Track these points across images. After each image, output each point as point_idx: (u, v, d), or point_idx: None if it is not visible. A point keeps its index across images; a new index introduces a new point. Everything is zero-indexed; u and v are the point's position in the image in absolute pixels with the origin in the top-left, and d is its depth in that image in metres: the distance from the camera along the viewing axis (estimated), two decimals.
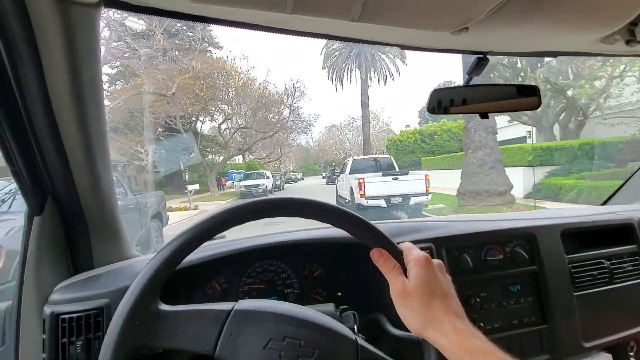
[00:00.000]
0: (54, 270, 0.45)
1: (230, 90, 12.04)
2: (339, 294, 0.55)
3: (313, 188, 14.79)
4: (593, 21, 0.43)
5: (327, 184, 17.40)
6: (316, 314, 0.32)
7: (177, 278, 0.43)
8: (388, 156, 7.81)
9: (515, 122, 9.52)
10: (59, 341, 0.39)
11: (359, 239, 0.33)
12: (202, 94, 9.88)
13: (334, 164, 33.37)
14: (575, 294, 0.57)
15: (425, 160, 11.87)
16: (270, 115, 14.46)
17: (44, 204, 0.44)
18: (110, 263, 0.50)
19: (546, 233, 0.59)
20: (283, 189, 14.62)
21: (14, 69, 0.35)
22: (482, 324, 0.52)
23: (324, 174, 27.55)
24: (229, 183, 14.50)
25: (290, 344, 0.29)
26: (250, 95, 12.68)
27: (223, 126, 13.40)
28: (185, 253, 0.31)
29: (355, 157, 7.06)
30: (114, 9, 0.41)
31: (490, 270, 0.55)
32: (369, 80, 15.52)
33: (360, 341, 0.32)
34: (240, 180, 12.03)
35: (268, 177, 11.82)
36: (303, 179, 28.24)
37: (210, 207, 7.25)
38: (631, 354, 0.62)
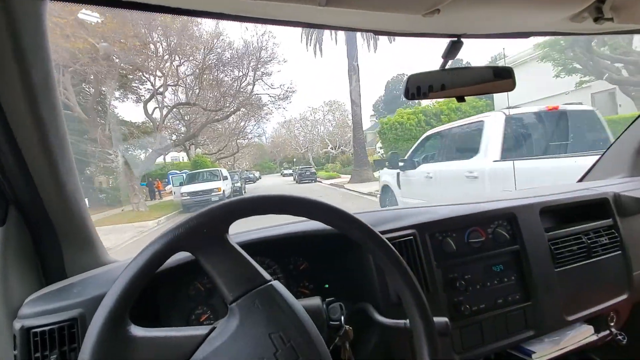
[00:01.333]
0: (22, 282, 0.56)
1: (160, 41, 10.68)
2: (326, 285, 0.73)
3: (286, 188, 15.65)
4: None
5: (299, 183, 18.41)
6: (310, 321, 0.41)
7: (156, 281, 0.55)
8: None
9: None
10: (31, 356, 0.50)
11: (340, 231, 0.45)
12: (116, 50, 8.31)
13: (294, 159, 40.20)
14: (556, 269, 0.80)
15: None
16: (224, 89, 13.74)
17: (7, 213, 0.55)
18: (84, 271, 0.62)
19: (526, 212, 0.81)
20: (244, 192, 14.59)
21: None
22: (468, 306, 0.72)
23: (285, 172, 33.51)
24: (169, 188, 14.00)
25: (279, 339, 0.38)
26: (193, 52, 11.80)
27: (152, 105, 12.39)
28: (154, 268, 0.38)
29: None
30: (60, 1, 0.51)
31: (473, 252, 0.76)
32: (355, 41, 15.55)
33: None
34: (181, 184, 11.07)
35: (225, 178, 11.19)
36: (261, 178, 32.23)
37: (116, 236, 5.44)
38: (612, 324, 0.86)
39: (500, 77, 0.77)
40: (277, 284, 0.43)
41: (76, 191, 0.61)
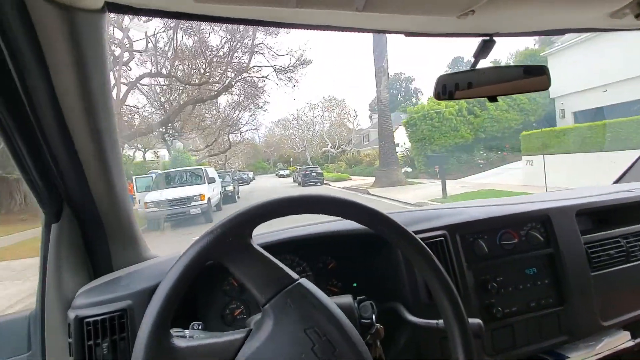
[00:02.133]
0: (74, 275, 0.75)
1: None
2: (355, 284, 0.91)
3: (289, 192, 15.14)
4: None
5: (303, 185, 19.36)
6: (345, 317, 0.53)
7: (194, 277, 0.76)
8: None
9: None
10: (85, 344, 0.68)
11: (377, 232, 0.56)
12: None
13: (291, 159, 44.67)
14: (592, 274, 0.96)
15: (526, 136, 11.61)
16: (210, 55, 13.43)
17: (61, 211, 0.74)
18: (128, 265, 0.82)
19: (561, 214, 0.98)
20: (238, 197, 14.31)
21: (21, 80, 0.60)
22: (499, 308, 0.88)
23: (281, 172, 38.12)
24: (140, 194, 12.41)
25: (314, 334, 0.50)
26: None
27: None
28: (188, 281, 0.49)
29: None
30: (119, 13, 0.73)
31: (505, 254, 0.93)
32: None
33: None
34: (149, 188, 9.75)
35: (211, 180, 10.49)
36: (254, 179, 35.62)
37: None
38: None
39: (533, 75, 0.94)
40: (305, 281, 0.55)
41: (124, 191, 0.80)
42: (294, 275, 0.55)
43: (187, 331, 0.61)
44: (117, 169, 0.78)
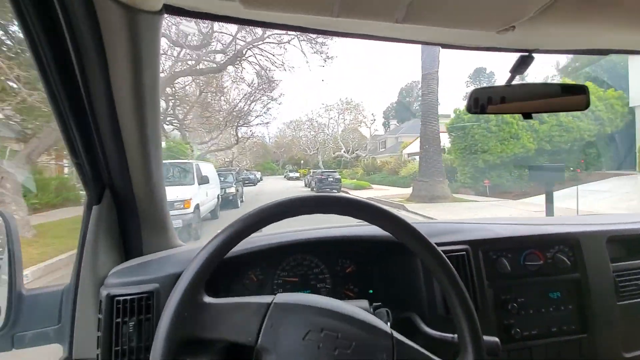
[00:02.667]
0: (108, 255, 0.92)
1: None
2: (371, 291, 1.05)
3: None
4: None
5: (318, 190, 19.91)
6: (353, 308, 0.68)
7: (216, 268, 0.94)
8: None
9: None
10: (113, 321, 0.84)
11: (400, 241, 0.67)
12: None
13: (301, 162, 48.94)
14: (618, 303, 1.07)
15: None
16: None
17: (102, 194, 0.92)
18: (157, 250, 0.99)
19: (591, 239, 1.10)
20: (241, 202, 13.97)
21: (82, 72, 0.76)
22: (518, 330, 1.01)
23: (290, 175, 42.63)
24: None
25: (328, 336, 0.59)
26: None
27: None
28: (231, 246, 0.61)
29: None
30: (174, 15, 0.92)
31: (529, 275, 1.05)
32: None
33: (397, 335, 0.63)
34: None
35: (204, 180, 8.92)
36: (262, 180, 38.75)
37: None
38: None
39: (571, 93, 1.07)
40: (279, 297, 0.64)
41: (160, 182, 0.97)
42: (265, 299, 0.64)
43: None
44: (156, 161, 0.95)
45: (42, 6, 0.65)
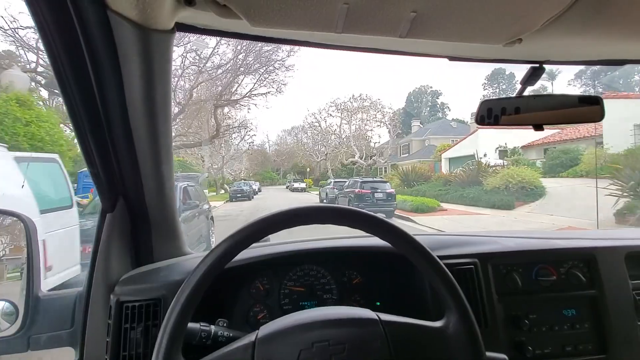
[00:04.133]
0: (120, 262, 0.96)
1: None
2: (378, 303, 1.05)
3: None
4: None
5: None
6: (335, 309, 0.70)
7: (224, 276, 0.93)
8: None
9: None
10: (122, 326, 0.87)
11: (397, 250, 0.70)
12: None
13: (307, 169, 45.68)
14: (639, 323, 1.04)
15: None
16: None
17: (116, 203, 0.96)
18: (167, 258, 1.02)
19: (608, 255, 1.06)
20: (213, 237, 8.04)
21: (99, 86, 0.81)
22: (530, 348, 0.98)
23: (295, 185, 36.45)
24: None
25: (319, 348, 0.60)
26: None
27: None
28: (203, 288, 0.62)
29: None
30: (186, 32, 0.98)
31: (541, 291, 1.02)
32: None
33: (383, 316, 0.65)
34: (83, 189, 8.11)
35: None
36: (260, 191, 33.99)
37: None
38: None
39: (586, 104, 1.05)
40: (261, 330, 0.65)
41: (171, 191, 1.01)
42: (248, 338, 0.65)
43: (212, 326, 0.79)
44: (167, 171, 0.99)
45: (63, 26, 0.70)
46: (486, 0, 0.67)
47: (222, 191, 29.45)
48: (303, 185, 36.40)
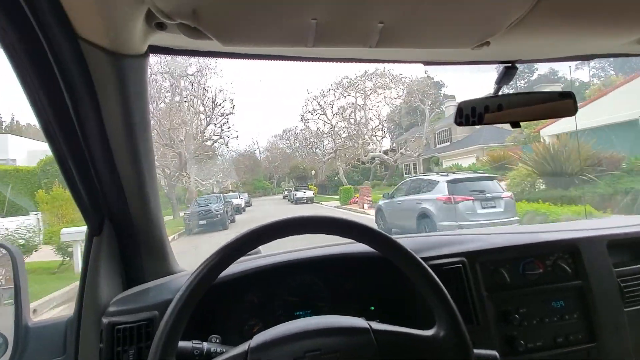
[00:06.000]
0: (110, 284, 0.95)
1: None
2: (372, 308, 1.05)
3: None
4: (627, 23, 0.82)
5: None
6: (327, 318, 0.72)
7: (216, 291, 0.90)
8: None
9: None
10: (114, 349, 0.86)
11: (381, 253, 0.72)
12: None
13: (312, 172, 36.02)
14: (625, 309, 1.05)
15: None
16: None
17: (102, 225, 0.95)
18: (158, 277, 1.02)
19: (591, 245, 1.08)
20: None
21: (76, 111, 0.81)
22: (522, 342, 0.99)
23: (298, 195, 25.99)
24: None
25: (312, 357, 0.61)
26: None
27: None
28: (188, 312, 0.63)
29: None
30: (159, 54, 1.00)
31: (529, 285, 1.04)
32: None
33: (374, 325, 0.66)
34: None
35: None
36: (250, 205, 26.59)
37: None
38: None
39: (559, 100, 1.09)
40: (254, 340, 0.66)
41: (157, 209, 1.01)
42: (241, 348, 0.66)
43: (205, 343, 0.79)
44: (152, 189, 0.99)
45: (36, 56, 0.70)
46: (449, 7, 0.69)
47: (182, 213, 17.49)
48: (309, 193, 26.96)
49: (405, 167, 30.84)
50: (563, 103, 1.12)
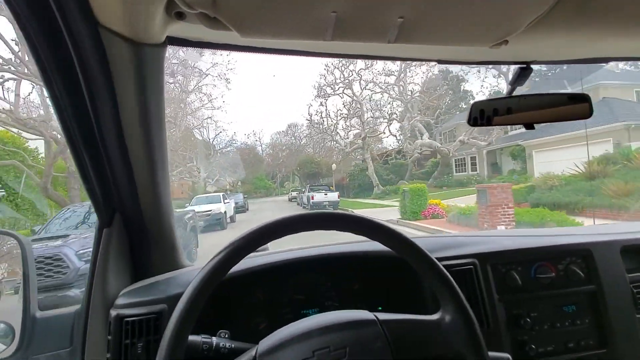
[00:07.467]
0: (119, 277, 0.95)
1: None
2: (380, 308, 1.04)
3: None
4: None
5: None
6: (332, 314, 0.71)
7: (225, 287, 0.92)
8: None
9: None
10: (122, 342, 0.86)
11: (396, 253, 0.72)
12: None
13: (333, 166, 27.72)
14: (638, 315, 1.03)
15: None
16: None
17: (113, 218, 0.95)
18: (167, 271, 1.02)
19: (604, 249, 1.07)
20: None
21: (92, 101, 0.81)
22: (533, 346, 0.98)
23: (317, 198, 19.53)
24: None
25: (321, 355, 0.60)
26: None
27: None
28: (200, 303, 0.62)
29: None
30: (177, 46, 1.00)
31: (541, 288, 1.03)
32: None
33: (381, 316, 0.66)
34: None
35: None
36: (247, 210, 22.09)
37: None
38: None
39: (574, 102, 1.08)
40: (261, 344, 0.66)
41: (168, 203, 1.01)
42: (249, 354, 0.66)
43: (214, 338, 0.79)
44: (164, 184, 0.99)
45: (54, 42, 0.70)
46: (471, 4, 0.68)
47: None
48: (333, 196, 19.68)
49: (456, 162, 24.28)
50: (578, 106, 1.12)
